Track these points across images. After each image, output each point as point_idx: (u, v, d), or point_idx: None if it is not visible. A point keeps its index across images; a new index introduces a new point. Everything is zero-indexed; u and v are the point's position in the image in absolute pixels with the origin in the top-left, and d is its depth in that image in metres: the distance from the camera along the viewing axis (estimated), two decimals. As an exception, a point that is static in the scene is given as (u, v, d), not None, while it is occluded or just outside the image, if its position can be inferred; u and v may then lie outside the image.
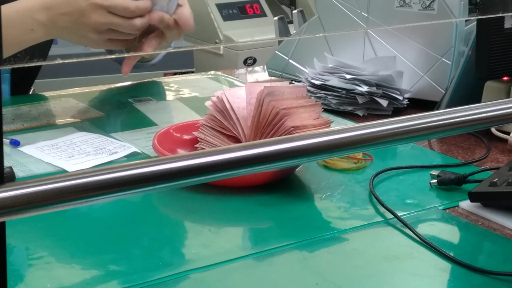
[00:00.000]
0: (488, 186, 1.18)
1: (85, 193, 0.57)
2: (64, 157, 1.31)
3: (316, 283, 0.99)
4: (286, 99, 1.25)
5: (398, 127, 0.70)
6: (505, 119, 0.78)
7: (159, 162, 0.59)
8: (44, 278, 0.97)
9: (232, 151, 0.61)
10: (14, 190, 0.54)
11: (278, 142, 0.64)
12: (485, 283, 0.99)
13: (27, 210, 0.54)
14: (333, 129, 0.66)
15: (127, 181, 0.58)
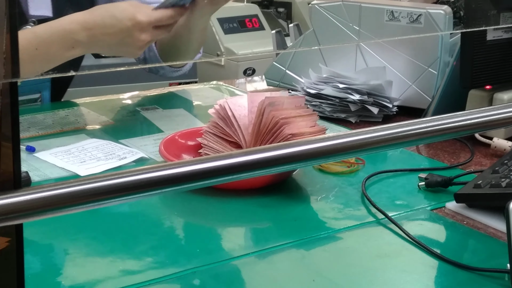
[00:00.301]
0: (473, 188, 1.18)
1: (97, 197, 0.57)
2: (76, 162, 1.31)
3: (313, 279, 0.99)
4: (285, 109, 1.25)
5: (388, 134, 0.70)
6: (487, 126, 0.78)
7: (166, 167, 0.59)
8: (78, 272, 0.97)
9: (234, 157, 0.61)
10: (31, 194, 0.54)
11: (277, 148, 0.65)
12: (470, 278, 0.99)
13: (43, 213, 0.54)
14: (328, 136, 0.66)
15: (136, 185, 0.58)
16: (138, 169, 0.57)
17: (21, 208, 0.53)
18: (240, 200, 1.20)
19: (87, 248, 1.06)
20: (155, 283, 0.96)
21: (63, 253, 1.04)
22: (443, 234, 1.14)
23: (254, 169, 0.64)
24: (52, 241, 1.06)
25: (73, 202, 0.56)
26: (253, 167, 0.64)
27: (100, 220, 1.13)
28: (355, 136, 0.68)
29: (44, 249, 1.03)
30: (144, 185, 0.58)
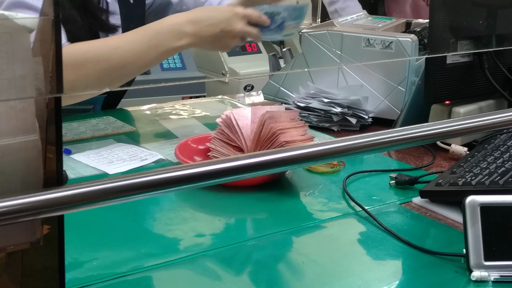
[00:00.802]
0: (435, 186, 1.18)
1: (124, 193, 0.57)
2: (105, 162, 1.31)
3: (302, 261, 0.99)
4: (282, 121, 1.25)
5: (365, 141, 0.70)
6: (447, 135, 0.79)
7: (182, 168, 0.59)
8: (107, 254, 0.97)
9: (239, 160, 0.62)
10: (71, 190, 0.54)
11: (274, 153, 0.65)
12: (432, 261, 0.99)
13: (81, 206, 0.55)
14: (315, 143, 0.67)
15: (157, 183, 0.58)
16: (159, 170, 0.57)
17: (63, 201, 0.53)
18: (241, 195, 1.20)
19: (115, 233, 1.06)
20: (171, 264, 0.96)
21: (95, 238, 1.04)
22: (410, 224, 1.13)
23: (256, 170, 0.64)
24: (84, 227, 1.06)
25: (105, 197, 0.56)
26: (254, 168, 0.64)
27: (126, 211, 1.13)
28: (337, 143, 0.68)
29: (78, 234, 1.03)
30: (163, 183, 0.58)
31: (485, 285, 0.93)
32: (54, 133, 0.56)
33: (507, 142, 1.30)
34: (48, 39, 0.53)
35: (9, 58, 0.53)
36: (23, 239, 0.57)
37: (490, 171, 1.17)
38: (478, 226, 0.95)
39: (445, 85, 1.49)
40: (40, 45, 0.54)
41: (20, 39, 0.53)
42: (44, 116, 0.56)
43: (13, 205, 0.51)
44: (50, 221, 0.59)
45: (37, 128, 0.56)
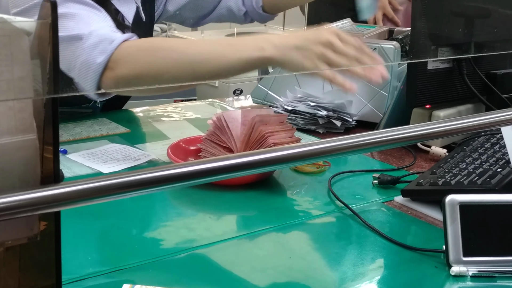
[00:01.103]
0: (415, 185, 1.19)
1: (118, 190, 0.57)
2: (100, 162, 1.30)
3: (289, 256, 0.99)
4: (271, 124, 1.25)
5: (349, 143, 0.70)
6: (427, 137, 0.79)
7: (174, 167, 0.59)
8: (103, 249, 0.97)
9: (229, 159, 0.61)
10: (67, 187, 0.54)
11: (262, 153, 0.65)
12: (413, 257, 0.99)
13: (77, 202, 0.54)
14: (301, 144, 0.67)
15: (150, 181, 0.58)
16: (151, 168, 0.57)
17: (60, 198, 0.53)
18: (231, 193, 1.20)
19: (109, 229, 1.06)
20: (164, 259, 0.96)
21: (89, 235, 1.04)
22: (392, 221, 1.13)
23: (245, 169, 0.64)
24: (82, 223, 1.05)
25: (100, 194, 0.56)
26: (244, 168, 0.64)
27: (119, 208, 1.12)
28: (322, 145, 0.68)
29: (74, 230, 1.03)
30: (156, 181, 0.58)
31: (463, 280, 0.93)
32: (51, 133, 0.56)
33: (484, 144, 1.31)
34: (46, 42, 0.53)
35: (8, 60, 0.53)
36: (21, 234, 0.57)
37: (469, 171, 1.17)
38: (457, 223, 0.95)
39: (425, 90, 1.49)
40: (38, 48, 0.54)
41: (18, 42, 0.53)
42: (41, 117, 0.56)
43: (12, 201, 0.51)
44: (47, 217, 0.58)
45: (34, 128, 0.55)
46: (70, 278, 0.88)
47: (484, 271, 0.94)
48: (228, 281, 0.91)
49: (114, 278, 0.89)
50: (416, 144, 1.46)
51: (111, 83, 1.21)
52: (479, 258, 0.95)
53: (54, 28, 0.52)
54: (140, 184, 0.57)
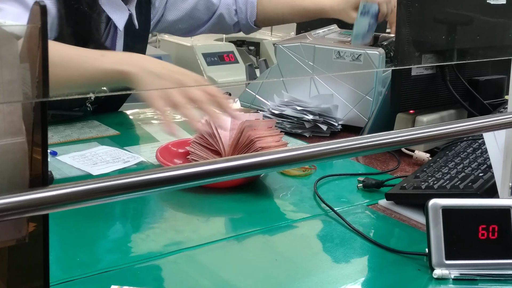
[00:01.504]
0: (399, 189, 1.19)
1: (107, 193, 0.56)
2: (90, 164, 1.29)
3: (275, 258, 0.99)
4: (259, 129, 1.25)
5: (334, 147, 0.70)
6: (410, 142, 0.79)
7: (162, 171, 0.59)
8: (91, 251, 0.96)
9: (217, 163, 0.61)
10: (55, 191, 0.53)
11: (250, 157, 0.64)
12: (396, 259, 0.99)
13: (65, 205, 0.54)
14: (288, 148, 0.67)
15: (138, 184, 0.57)
16: (140, 172, 0.57)
17: (48, 201, 0.53)
18: (219, 196, 1.19)
19: (98, 231, 1.05)
20: (152, 261, 0.95)
21: (78, 237, 1.03)
22: (376, 224, 1.13)
23: (232, 173, 0.64)
24: (71, 225, 1.04)
25: (88, 197, 0.55)
26: (231, 171, 0.63)
27: (108, 210, 1.12)
28: (308, 149, 0.68)
29: (63, 232, 1.02)
30: (144, 184, 0.58)
31: (446, 283, 0.93)
32: (40, 136, 0.55)
33: (467, 149, 1.31)
34: (35, 46, 0.53)
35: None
36: (9, 236, 0.56)
37: (451, 176, 1.17)
38: (440, 227, 0.95)
39: (409, 96, 1.50)
40: (28, 51, 0.53)
41: (8, 45, 0.52)
42: (30, 120, 0.55)
43: (0, 204, 0.50)
44: (35, 219, 0.58)
45: (23, 131, 0.55)
46: (58, 280, 0.87)
47: (466, 274, 0.94)
48: (215, 282, 0.91)
49: (102, 280, 0.88)
50: (400, 148, 1.46)
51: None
52: (461, 261, 0.95)
53: (44, 32, 0.52)
54: (129, 187, 0.57)
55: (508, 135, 1.04)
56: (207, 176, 0.62)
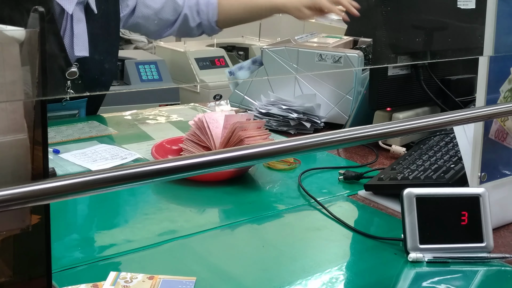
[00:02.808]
0: (377, 180, 1.19)
1: (103, 184, 0.57)
2: (90, 161, 1.30)
3: (263, 245, 1.00)
4: (249, 130, 1.25)
5: (315, 140, 0.71)
6: (386, 135, 0.80)
7: (155, 163, 0.59)
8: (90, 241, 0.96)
9: (206, 156, 0.62)
10: (55, 182, 0.54)
11: (238, 150, 0.65)
12: (375, 245, 1.00)
13: (64, 196, 0.54)
14: (273, 141, 0.67)
15: (133, 175, 0.58)
16: (135, 164, 0.57)
17: (49, 192, 0.53)
18: (210, 188, 1.20)
19: (97, 222, 1.06)
20: (148, 248, 0.95)
21: (79, 227, 1.04)
22: (356, 213, 1.14)
23: (221, 165, 0.64)
24: (69, 217, 1.05)
25: (86, 188, 0.56)
26: (220, 163, 0.64)
27: (107, 202, 1.12)
28: (291, 142, 0.69)
29: (64, 223, 1.02)
30: (139, 176, 0.58)
31: (420, 265, 0.94)
32: (41, 133, 0.55)
33: (439, 143, 1.32)
34: (35, 49, 0.53)
35: (0, 66, 0.52)
36: (14, 226, 0.57)
37: (425, 167, 1.18)
38: (414, 214, 0.96)
39: (386, 94, 1.51)
40: (28, 54, 0.54)
41: (10, 49, 0.53)
42: (31, 117, 0.55)
43: (5, 195, 0.51)
44: (38, 209, 0.58)
45: (25, 128, 0.55)
46: (60, 267, 0.87)
47: (438, 257, 0.95)
48: (207, 267, 0.91)
49: (101, 267, 0.89)
50: (378, 143, 1.47)
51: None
52: (434, 245, 0.96)
53: (42, 36, 0.52)
54: (124, 178, 0.58)
55: (476, 128, 1.05)
56: (197, 167, 0.62)
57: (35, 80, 0.53)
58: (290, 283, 0.88)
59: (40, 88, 0.53)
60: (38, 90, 0.53)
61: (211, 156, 0.63)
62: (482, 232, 0.97)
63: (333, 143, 0.71)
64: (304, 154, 0.96)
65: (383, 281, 0.91)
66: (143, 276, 0.85)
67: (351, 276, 0.92)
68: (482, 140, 1.04)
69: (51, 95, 0.53)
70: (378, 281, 0.91)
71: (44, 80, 0.52)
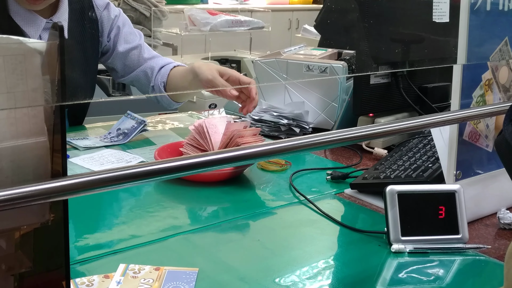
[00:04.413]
0: (362, 179, 1.21)
1: (116, 182, 0.58)
2: (97, 164, 1.31)
3: (258, 239, 1.01)
4: (246, 137, 1.27)
5: (306, 141, 0.72)
6: (370, 136, 0.82)
7: (159, 163, 0.61)
8: (99, 236, 0.98)
9: (207, 156, 0.63)
10: (73, 180, 0.55)
11: (234, 150, 0.67)
12: (360, 238, 1.02)
13: (81, 192, 0.56)
14: (265, 143, 0.69)
15: (141, 174, 0.60)
16: (142, 164, 0.59)
17: (68, 188, 0.55)
18: (209, 188, 1.21)
19: (108, 219, 1.07)
20: (153, 242, 0.97)
21: (92, 223, 1.04)
22: (343, 209, 1.16)
23: (221, 164, 0.66)
24: (84, 214, 1.06)
25: (101, 185, 0.58)
26: (220, 163, 0.66)
27: (115, 202, 1.13)
28: (282, 143, 0.70)
29: (79, 220, 1.03)
30: (145, 174, 0.60)
31: (402, 256, 0.96)
32: (60, 136, 0.57)
33: (418, 145, 1.34)
34: (54, 60, 0.54)
35: (23, 75, 0.54)
36: (34, 220, 0.58)
37: (405, 167, 1.20)
38: (396, 209, 0.98)
39: (369, 101, 1.52)
40: (48, 64, 0.55)
41: (31, 59, 0.54)
42: (51, 122, 0.57)
43: (27, 191, 0.52)
44: (57, 205, 0.59)
45: (45, 131, 0.56)
46: (76, 259, 0.89)
47: (419, 248, 0.97)
48: (208, 259, 0.92)
49: (111, 260, 0.90)
50: (362, 146, 1.49)
51: None
52: (415, 237, 0.98)
53: (61, 48, 0.54)
54: (133, 176, 0.59)
55: (451, 130, 1.07)
56: (197, 167, 0.64)
57: (54, 88, 0.55)
58: (284, 272, 0.89)
59: (59, 95, 0.54)
60: (58, 97, 0.55)
61: (209, 157, 0.65)
62: (458, 225, 0.99)
63: (321, 144, 0.73)
64: (295, 154, 0.97)
65: (368, 270, 0.92)
66: (150, 268, 0.86)
67: (339, 266, 0.93)
68: (457, 141, 1.06)
69: (69, 101, 0.54)
70: (363, 270, 0.92)
71: (63, 88, 0.54)
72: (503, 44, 1.11)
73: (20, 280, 0.60)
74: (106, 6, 1.62)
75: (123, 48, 1.64)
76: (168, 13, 3.41)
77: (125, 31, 1.65)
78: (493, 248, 0.99)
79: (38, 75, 0.55)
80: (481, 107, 1.05)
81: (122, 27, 1.64)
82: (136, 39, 1.66)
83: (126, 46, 1.64)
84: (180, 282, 0.83)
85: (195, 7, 3.98)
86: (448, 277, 0.90)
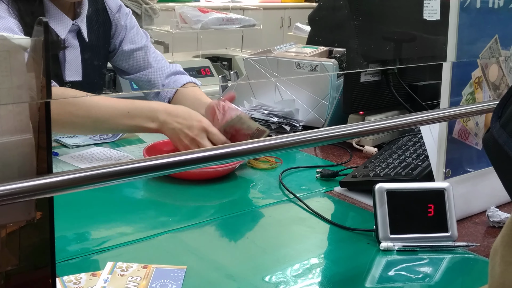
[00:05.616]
0: (351, 177, 1.21)
1: (102, 179, 0.58)
2: (86, 162, 1.30)
3: (247, 237, 1.01)
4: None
5: (296, 139, 0.72)
6: (361, 134, 0.82)
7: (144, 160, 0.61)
8: (87, 235, 0.97)
9: (195, 153, 0.63)
10: (58, 177, 0.55)
11: (223, 147, 0.67)
12: (349, 235, 1.02)
13: (66, 189, 0.56)
14: (254, 140, 0.69)
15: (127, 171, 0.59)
16: (126, 161, 0.59)
17: (53, 185, 0.54)
18: (199, 186, 1.21)
19: (96, 217, 1.06)
20: (142, 240, 0.96)
21: (78, 221, 1.04)
22: (332, 207, 1.16)
23: (209, 161, 0.66)
24: (71, 212, 1.05)
25: (87, 182, 0.57)
26: (208, 160, 0.65)
27: (104, 199, 1.13)
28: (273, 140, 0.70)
29: (66, 216, 1.03)
30: (131, 171, 0.60)
31: (391, 254, 0.96)
32: (45, 133, 0.56)
33: (408, 143, 1.34)
34: (39, 57, 0.54)
35: (8, 71, 0.53)
36: (20, 217, 0.57)
37: (395, 165, 1.20)
38: (385, 207, 0.98)
39: (359, 99, 1.53)
40: (33, 61, 0.55)
41: (16, 56, 0.54)
42: (36, 119, 0.56)
43: (12, 188, 0.52)
44: (42, 203, 0.59)
45: (31, 128, 0.56)
46: (63, 257, 0.88)
47: (407, 245, 0.97)
48: (197, 257, 0.92)
49: (99, 257, 0.89)
50: (352, 144, 1.49)
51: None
52: (404, 235, 0.98)
53: (46, 45, 0.53)
54: (120, 173, 0.59)
55: (441, 128, 1.07)
56: (185, 164, 0.64)
57: (39, 85, 0.55)
58: (273, 270, 0.89)
59: (44, 93, 0.54)
60: (43, 94, 0.54)
61: (197, 154, 0.64)
62: (447, 223, 0.99)
63: (311, 141, 0.73)
64: (285, 151, 0.97)
65: (357, 268, 0.92)
66: (137, 266, 0.86)
67: (329, 263, 0.93)
68: (446, 139, 1.07)
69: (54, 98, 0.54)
70: (353, 268, 0.92)
71: (48, 85, 0.54)
72: (493, 41, 1.11)
73: (6, 278, 0.59)
74: (118, 8, 1.64)
75: (128, 47, 1.64)
76: (159, 11, 3.40)
77: (132, 31, 1.66)
78: (482, 246, 0.99)
79: (23, 71, 0.55)
80: (471, 105, 1.06)
81: (130, 28, 1.66)
82: (143, 40, 1.67)
83: (131, 46, 1.65)
84: (168, 280, 0.83)
85: (186, 5, 3.97)
86: (437, 275, 0.91)
